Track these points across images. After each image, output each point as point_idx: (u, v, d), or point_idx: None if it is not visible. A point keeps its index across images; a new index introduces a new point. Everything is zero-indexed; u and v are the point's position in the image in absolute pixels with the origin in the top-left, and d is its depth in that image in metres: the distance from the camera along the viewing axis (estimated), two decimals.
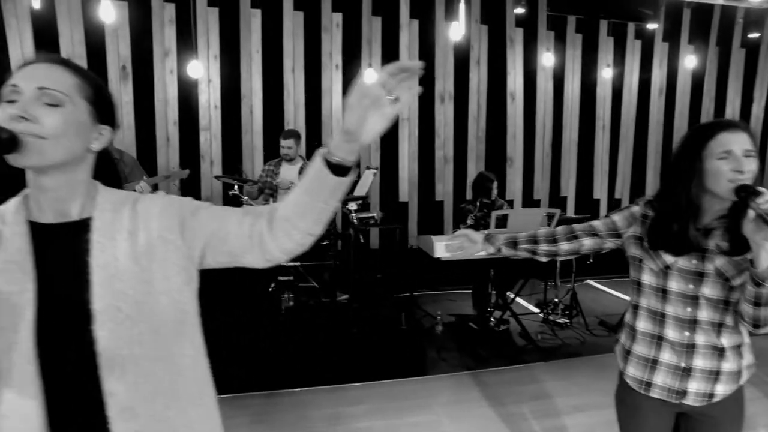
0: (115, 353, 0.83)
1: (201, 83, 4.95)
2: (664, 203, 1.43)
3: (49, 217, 0.86)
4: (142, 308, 0.85)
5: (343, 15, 5.20)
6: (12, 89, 0.80)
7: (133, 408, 0.84)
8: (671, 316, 1.42)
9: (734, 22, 6.26)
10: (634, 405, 1.51)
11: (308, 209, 0.88)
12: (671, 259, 1.40)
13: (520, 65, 5.75)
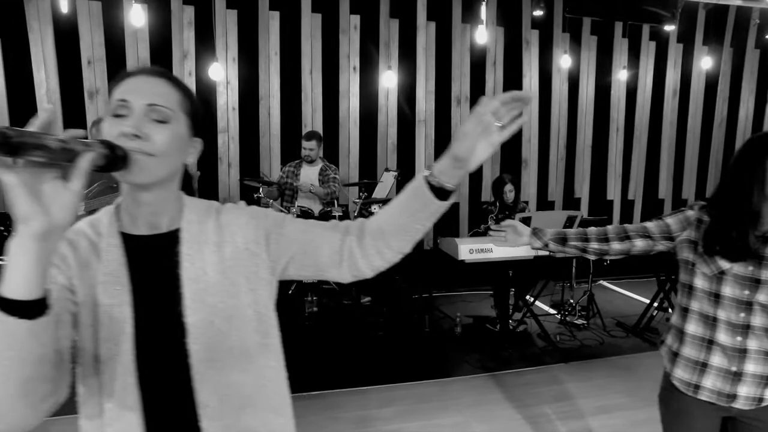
0: (208, 366, 0.84)
1: (219, 85, 4.98)
2: (723, 209, 1.46)
3: (142, 229, 0.87)
4: (232, 322, 0.86)
5: (361, 17, 5.22)
6: (121, 104, 0.81)
7: (223, 419, 0.85)
8: (723, 321, 1.46)
9: (749, 23, 6.27)
10: (679, 407, 1.54)
11: (404, 230, 0.89)
12: (727, 265, 1.44)
13: (535, 67, 5.77)
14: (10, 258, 0.65)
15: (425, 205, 0.86)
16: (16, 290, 0.65)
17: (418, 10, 5.36)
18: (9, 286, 0.65)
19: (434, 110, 5.54)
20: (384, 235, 0.91)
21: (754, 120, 6.65)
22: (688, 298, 1.53)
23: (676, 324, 1.58)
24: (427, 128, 5.56)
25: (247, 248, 0.91)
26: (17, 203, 0.65)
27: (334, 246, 0.93)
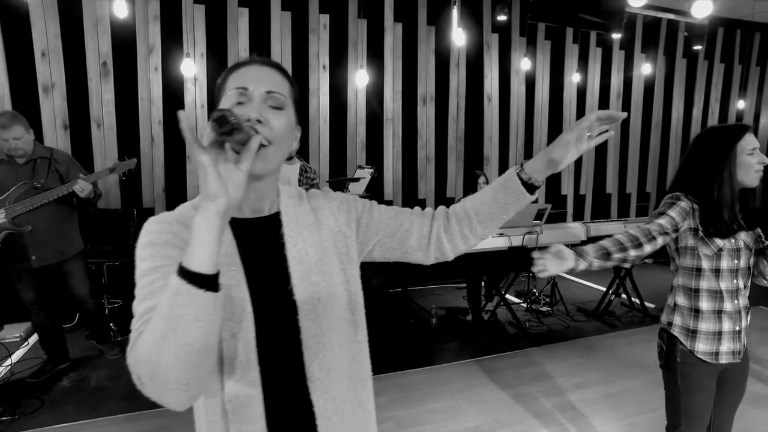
0: (316, 341, 0.89)
1: (187, 82, 4.86)
2: (707, 196, 1.68)
3: (246, 213, 0.91)
4: (332, 298, 0.91)
5: (330, 17, 5.27)
6: (241, 92, 0.84)
7: (330, 391, 0.90)
8: (725, 291, 1.70)
9: (678, 34, 6.91)
10: (699, 375, 1.74)
11: (491, 218, 1.00)
12: (721, 243, 1.68)
13: (495, 69, 6.06)
14: (198, 235, 0.70)
15: (517, 198, 0.97)
16: (205, 265, 0.70)
17: (385, 12, 5.48)
18: (198, 262, 0.69)
19: (401, 109, 5.68)
20: (471, 222, 1.00)
21: (683, 122, 7.33)
22: (697, 279, 1.73)
23: (685, 305, 1.77)
24: (394, 126, 5.70)
25: (340, 231, 0.97)
26: (208, 182, 0.71)
27: (423, 230, 1.02)
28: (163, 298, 0.70)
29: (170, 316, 0.68)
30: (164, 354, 0.68)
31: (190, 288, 0.68)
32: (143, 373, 0.70)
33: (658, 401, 3.15)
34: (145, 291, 0.79)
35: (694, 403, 1.76)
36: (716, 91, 7.46)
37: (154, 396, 0.72)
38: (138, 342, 0.72)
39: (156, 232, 0.85)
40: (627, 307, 4.95)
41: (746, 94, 7.68)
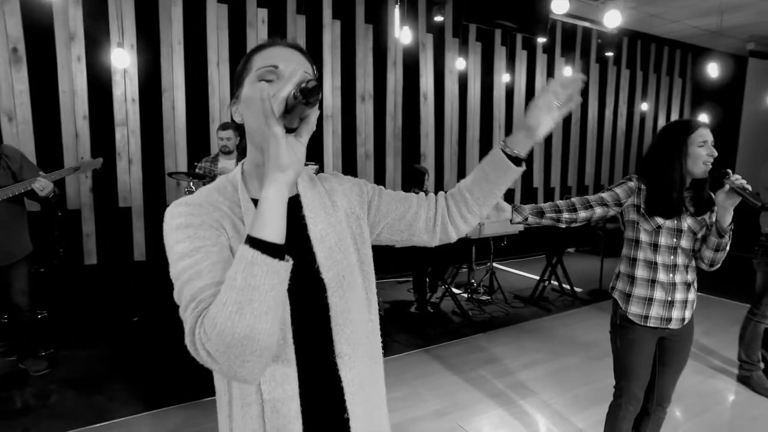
0: (343, 318, 0.91)
1: (116, 74, 4.55)
2: (658, 179, 1.90)
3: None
4: (353, 277, 0.94)
5: (269, 11, 5.16)
6: (271, 70, 0.86)
7: (355, 367, 0.92)
8: (660, 264, 1.92)
9: (592, 41, 7.52)
10: (633, 336, 1.97)
11: (486, 195, 1.05)
12: (662, 221, 1.90)
13: (430, 68, 6.24)
14: (269, 207, 0.71)
15: (504, 171, 1.00)
16: (278, 235, 0.71)
17: (323, 8, 5.46)
18: (272, 232, 0.71)
19: (340, 106, 5.70)
20: (467, 202, 1.06)
21: (598, 121, 7.98)
22: (635, 250, 1.97)
23: (625, 272, 2.01)
24: (334, 123, 5.70)
25: (353, 212, 1.00)
26: (281, 153, 0.72)
27: (429, 214, 1.07)
28: (233, 272, 0.70)
29: (245, 287, 0.68)
30: (240, 325, 0.68)
31: (265, 258, 0.69)
32: (216, 348, 0.69)
33: (596, 373, 3.45)
34: (191, 272, 0.77)
35: (631, 361, 1.98)
36: (624, 94, 8.21)
37: (228, 370, 0.71)
38: (206, 319, 0.71)
39: (188, 214, 0.84)
40: (558, 292, 5.32)
41: (647, 98, 8.52)
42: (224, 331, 0.68)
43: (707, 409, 3.01)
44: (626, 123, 8.40)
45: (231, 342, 0.68)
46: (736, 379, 3.37)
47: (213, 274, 0.77)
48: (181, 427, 2.74)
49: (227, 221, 0.87)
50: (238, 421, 0.86)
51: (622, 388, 2.02)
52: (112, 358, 3.57)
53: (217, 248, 0.81)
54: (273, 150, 0.72)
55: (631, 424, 2.08)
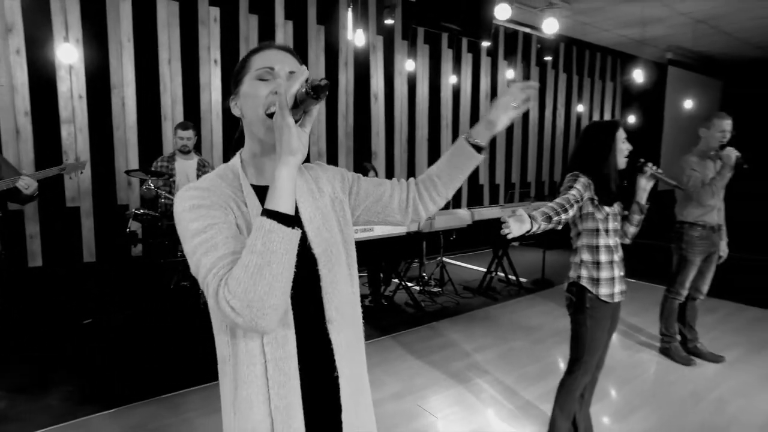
0: (332, 288, 1.03)
1: (60, 69, 4.42)
2: (603, 174, 2.19)
3: (267, 180, 1.04)
4: (338, 253, 1.06)
5: (221, 10, 5.17)
6: (268, 71, 0.99)
7: (342, 331, 1.05)
8: (613, 245, 2.24)
9: (533, 47, 7.98)
10: (602, 314, 2.23)
11: (452, 179, 1.22)
12: (609, 209, 2.20)
13: (381, 69, 6.43)
14: (282, 184, 0.86)
15: (468, 158, 1.18)
16: (289, 207, 0.87)
17: (276, 8, 5.52)
18: (285, 205, 0.86)
19: None
20: (436, 186, 1.22)
21: (538, 122, 8.48)
22: (596, 238, 2.23)
23: (589, 259, 2.24)
24: None
25: (337, 197, 1.14)
26: (292, 140, 0.86)
27: (402, 197, 1.23)
28: (252, 239, 0.84)
29: (264, 252, 0.83)
30: (260, 284, 0.83)
31: (280, 227, 0.84)
32: (239, 303, 0.83)
33: (540, 353, 3.76)
34: (207, 245, 0.90)
35: (598, 337, 2.25)
36: (561, 96, 8.76)
37: (249, 322, 0.84)
38: (230, 280, 0.84)
39: (199, 197, 0.96)
40: (505, 282, 5.67)
41: (583, 100, 9.13)
42: (248, 288, 0.82)
43: (635, 377, 3.38)
44: (564, 123, 8.96)
45: (253, 298, 0.83)
46: (658, 351, 3.79)
47: (227, 245, 0.90)
48: (144, 424, 2.78)
49: (232, 203, 0.99)
50: (243, 379, 0.98)
51: (582, 362, 2.27)
52: (64, 361, 3.50)
53: (227, 225, 0.94)
54: (285, 137, 0.86)
55: (580, 392, 2.36)
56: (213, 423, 2.78)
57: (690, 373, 3.45)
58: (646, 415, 2.91)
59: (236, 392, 0.99)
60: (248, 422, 0.98)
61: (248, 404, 0.98)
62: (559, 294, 5.39)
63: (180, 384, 3.18)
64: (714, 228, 3.45)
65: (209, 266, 0.89)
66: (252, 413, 0.97)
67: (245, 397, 0.98)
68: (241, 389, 0.98)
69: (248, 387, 0.98)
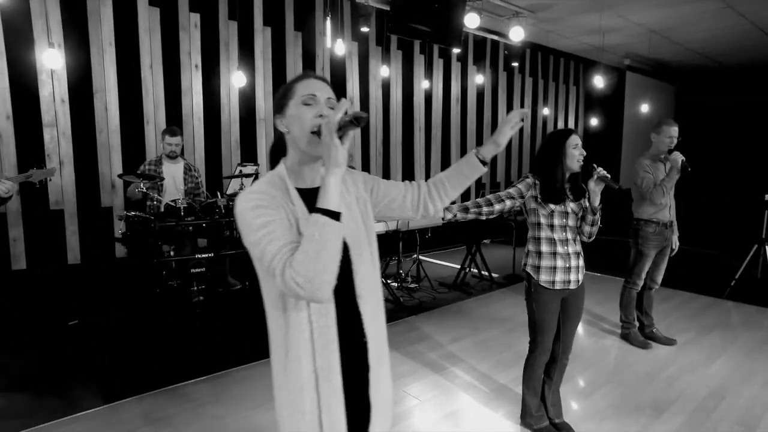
0: (361, 269, 1.28)
1: (42, 74, 4.46)
2: (547, 175, 2.48)
3: (306, 184, 1.28)
4: (364, 242, 1.30)
5: (201, 16, 5.28)
6: (311, 97, 1.23)
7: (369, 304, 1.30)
8: (557, 239, 2.50)
9: (499, 52, 8.35)
10: (545, 299, 2.53)
11: (459, 183, 1.48)
12: (553, 207, 2.48)
13: (356, 75, 6.65)
14: (332, 189, 1.10)
15: (474, 169, 1.44)
16: (337, 206, 1.11)
17: (255, 15, 5.67)
18: (334, 204, 1.10)
19: (273, 110, 5.93)
20: (445, 187, 1.48)
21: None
22: (538, 231, 2.53)
23: (533, 249, 2.56)
24: (267, 126, 5.93)
25: (361, 196, 1.37)
26: (339, 156, 1.11)
27: (414, 196, 1.48)
28: (310, 231, 1.08)
29: (320, 240, 1.07)
30: (318, 264, 1.06)
31: (332, 221, 1.08)
32: (303, 280, 1.06)
33: (512, 342, 4.07)
34: (270, 236, 1.13)
35: (544, 318, 2.54)
36: (528, 100, 9.17)
37: (311, 294, 1.07)
38: (294, 263, 1.07)
39: (258, 198, 1.19)
40: (478, 278, 5.97)
41: (548, 103, 9.58)
42: (309, 268, 1.06)
43: (598, 361, 3.72)
44: (530, 126, 9.38)
45: (314, 276, 1.06)
46: (619, 336, 4.15)
47: (285, 236, 1.13)
48: (145, 415, 2.92)
49: (282, 203, 1.22)
50: (293, 344, 1.21)
51: (537, 342, 2.57)
52: (55, 361, 3.58)
53: (282, 221, 1.17)
54: (333, 154, 1.10)
55: (542, 370, 2.65)
56: (216, 411, 2.95)
57: (646, 356, 3.81)
58: (607, 392, 3.23)
59: (287, 355, 1.23)
60: (297, 379, 1.22)
61: (297, 363, 1.21)
62: None
63: (181, 376, 3.32)
64: (666, 224, 3.82)
65: (274, 252, 1.11)
66: (300, 371, 1.21)
67: (294, 357, 1.21)
68: (291, 351, 1.22)
69: (297, 349, 1.22)
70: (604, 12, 6.89)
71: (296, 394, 1.23)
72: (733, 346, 3.99)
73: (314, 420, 1.23)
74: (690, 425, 2.84)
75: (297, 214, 1.22)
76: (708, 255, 7.23)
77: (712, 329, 4.37)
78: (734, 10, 6.77)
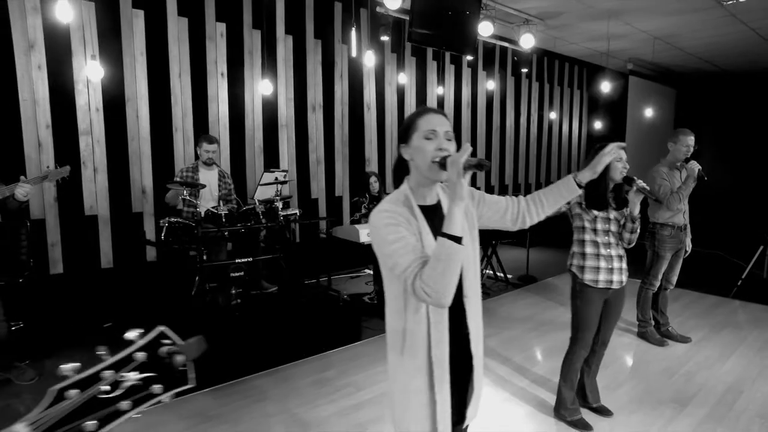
0: (467, 273, 1.48)
1: (79, 83, 4.60)
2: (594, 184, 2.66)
3: (426, 202, 1.50)
4: (470, 250, 1.51)
5: (227, 25, 5.44)
6: (432, 132, 1.42)
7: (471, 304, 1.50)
8: (600, 242, 2.71)
9: (509, 59, 8.55)
10: (589, 297, 2.73)
11: (556, 202, 1.71)
12: (597, 213, 2.68)
13: (372, 81, 6.83)
14: (456, 219, 1.30)
15: (571, 191, 1.68)
16: (460, 232, 1.30)
17: (277, 24, 5.83)
18: (458, 231, 1.29)
19: (294, 116, 6.10)
20: (543, 204, 1.71)
21: (514, 128, 9.07)
22: (582, 234, 2.74)
23: (578, 251, 2.77)
24: (288, 131, 6.09)
25: (469, 210, 1.57)
26: (463, 192, 1.31)
27: (514, 210, 1.70)
28: (438, 251, 1.28)
29: (447, 260, 1.27)
30: (444, 279, 1.27)
31: (456, 245, 1.28)
32: (430, 290, 1.27)
33: (533, 341, 4.25)
34: (401, 251, 1.34)
35: (587, 315, 2.74)
36: (534, 104, 9.38)
37: (436, 301, 1.29)
38: (423, 276, 1.28)
39: (390, 216, 1.40)
40: (494, 279, 6.17)
41: (554, 107, 9.79)
42: (437, 281, 1.27)
43: (618, 358, 3.92)
44: (537, 129, 9.59)
45: (439, 288, 1.27)
46: (636, 335, 4.35)
47: (414, 252, 1.34)
48: (199, 413, 3.09)
49: (408, 218, 1.43)
50: (411, 334, 1.43)
51: (579, 337, 2.77)
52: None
53: (411, 236, 1.38)
54: (458, 190, 1.30)
55: (581, 364, 2.87)
56: (265, 408, 3.12)
57: (664, 353, 4.02)
58: (631, 388, 3.43)
59: (404, 343, 1.45)
60: (412, 363, 1.45)
61: (413, 351, 1.44)
62: (542, 288, 5.94)
63: (229, 376, 3.49)
64: (681, 227, 4.02)
65: (405, 265, 1.33)
66: (416, 357, 1.44)
67: (410, 345, 1.44)
68: (408, 340, 1.45)
69: (414, 339, 1.44)
70: (612, 20, 7.11)
71: (411, 376, 1.46)
72: (744, 343, 4.21)
73: (425, 398, 1.46)
74: (713, 417, 3.05)
75: (420, 228, 1.43)
76: (713, 255, 7.46)
77: (723, 327, 4.58)
78: (736, 18, 7.00)
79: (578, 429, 2.89)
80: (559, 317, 4.86)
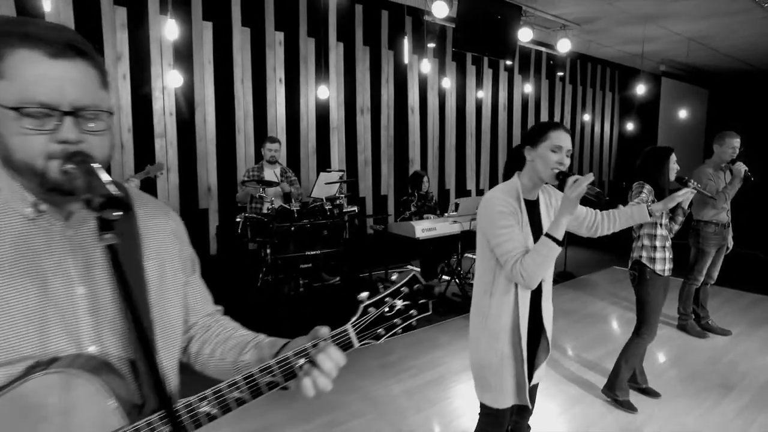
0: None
1: (155, 90, 5.02)
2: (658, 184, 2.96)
3: (531, 197, 1.84)
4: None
5: (285, 34, 5.81)
6: (559, 147, 1.74)
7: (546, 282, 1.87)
8: (665, 235, 3.02)
9: (543, 63, 8.77)
10: (660, 284, 3.02)
11: (626, 223, 2.05)
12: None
13: (416, 85, 7.14)
14: (561, 227, 1.61)
15: (642, 217, 2.05)
16: (561, 236, 1.62)
17: (329, 32, 6.18)
18: (560, 235, 1.61)
19: (344, 119, 6.45)
20: (614, 222, 2.05)
21: None
22: (655, 229, 3.03)
23: (648, 244, 3.04)
24: (339, 134, 6.44)
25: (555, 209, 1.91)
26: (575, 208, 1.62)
27: (591, 220, 2.03)
28: (539, 247, 1.60)
29: (545, 255, 1.60)
30: (540, 269, 1.61)
31: (556, 246, 1.61)
32: (526, 275, 1.60)
33: (580, 331, 4.49)
34: (507, 237, 1.67)
35: (658, 301, 3.03)
36: (568, 107, 9.58)
37: (529, 282, 1.62)
38: (523, 263, 1.60)
39: (503, 205, 1.72)
40: None
41: (586, 110, 9.97)
42: (533, 269, 1.60)
43: (660, 348, 4.16)
44: (570, 130, 9.77)
45: (534, 275, 1.61)
46: (676, 327, 4.57)
47: (518, 239, 1.66)
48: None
49: (515, 208, 1.75)
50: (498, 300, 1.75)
51: (648, 323, 3.06)
52: None
53: (516, 226, 1.70)
54: (571, 206, 1.62)
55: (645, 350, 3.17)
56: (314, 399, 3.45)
57: (705, 344, 4.24)
58: (675, 374, 3.68)
59: (489, 310, 1.77)
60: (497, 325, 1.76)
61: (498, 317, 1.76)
62: (581, 284, 6.17)
63: None
64: (724, 225, 4.24)
65: (509, 250, 1.64)
66: (500, 319, 1.76)
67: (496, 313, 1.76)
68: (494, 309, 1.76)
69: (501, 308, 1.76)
70: (647, 24, 7.28)
71: (494, 338, 1.78)
72: None
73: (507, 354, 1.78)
74: (758, 402, 3.28)
75: (522, 220, 1.75)
76: (749, 255, 7.58)
77: (763, 324, 4.77)
78: None
79: (625, 408, 3.15)
80: (601, 311, 5.11)
